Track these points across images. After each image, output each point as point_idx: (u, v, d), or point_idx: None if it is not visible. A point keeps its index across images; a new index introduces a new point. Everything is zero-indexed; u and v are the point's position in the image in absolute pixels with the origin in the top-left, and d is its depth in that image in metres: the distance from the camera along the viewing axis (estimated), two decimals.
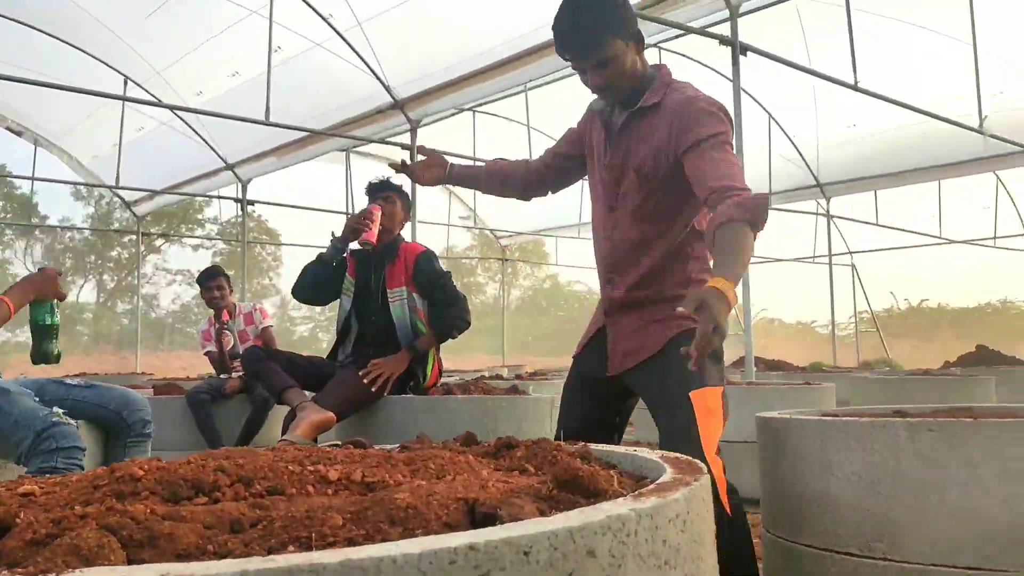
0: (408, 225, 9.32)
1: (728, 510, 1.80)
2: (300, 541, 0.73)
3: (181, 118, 10.88)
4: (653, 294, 2.15)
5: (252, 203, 12.11)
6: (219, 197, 12.68)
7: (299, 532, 0.73)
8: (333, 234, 3.44)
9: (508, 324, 20.35)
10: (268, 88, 8.25)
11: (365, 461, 1.06)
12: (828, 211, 14.57)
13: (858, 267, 20.86)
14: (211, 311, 5.24)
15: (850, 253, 19.98)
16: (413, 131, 9.33)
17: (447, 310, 3.45)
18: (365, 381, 3.19)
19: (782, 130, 13.44)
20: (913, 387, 5.89)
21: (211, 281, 5.18)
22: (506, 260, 20.62)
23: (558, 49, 2.10)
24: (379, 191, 3.55)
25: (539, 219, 17.78)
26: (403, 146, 9.40)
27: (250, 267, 33.55)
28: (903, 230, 15.97)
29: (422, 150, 2.57)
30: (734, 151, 2.04)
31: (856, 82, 7.71)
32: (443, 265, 3.59)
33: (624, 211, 2.16)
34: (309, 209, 12.89)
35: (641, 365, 2.13)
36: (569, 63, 2.11)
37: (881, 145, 12.16)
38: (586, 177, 2.40)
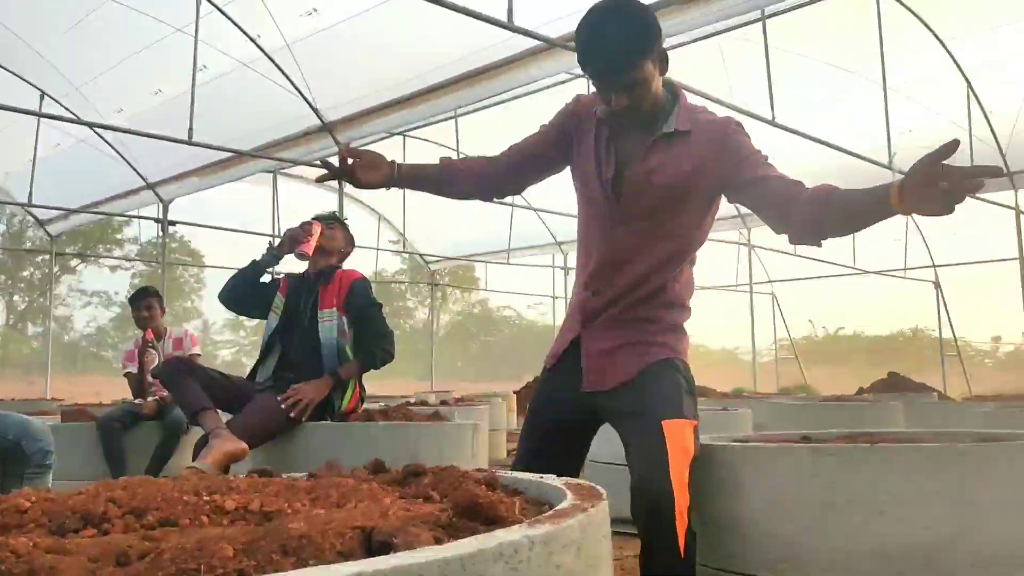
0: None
1: (683, 552, 1.78)
2: (188, 573, 0.72)
3: (100, 135, 10.58)
4: (638, 312, 2.11)
5: (174, 224, 11.81)
6: (139, 217, 12.34)
7: (188, 564, 0.72)
8: (271, 243, 3.46)
9: (437, 349, 20.26)
10: (192, 107, 8.09)
11: (266, 490, 1.05)
12: (749, 241, 15.00)
13: (778, 296, 21.53)
14: (140, 333, 5.10)
15: (771, 282, 20.62)
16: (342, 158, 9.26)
17: (375, 341, 3.44)
18: (283, 407, 3.14)
19: None
20: (826, 413, 6.09)
21: (142, 301, 5.07)
22: (436, 285, 20.57)
23: (581, 61, 1.96)
24: (324, 220, 3.57)
25: (469, 245, 17.82)
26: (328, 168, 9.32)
27: (172, 289, 32.64)
28: (820, 260, 16.53)
29: (350, 152, 2.21)
30: None
31: (773, 118, 8.00)
32: (374, 293, 3.58)
33: (631, 227, 2.10)
34: (234, 231, 12.64)
35: (615, 390, 2.06)
36: (589, 77, 2.00)
37: (799, 177, 12.60)
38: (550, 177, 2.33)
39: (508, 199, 14.30)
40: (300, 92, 9.06)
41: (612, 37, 1.91)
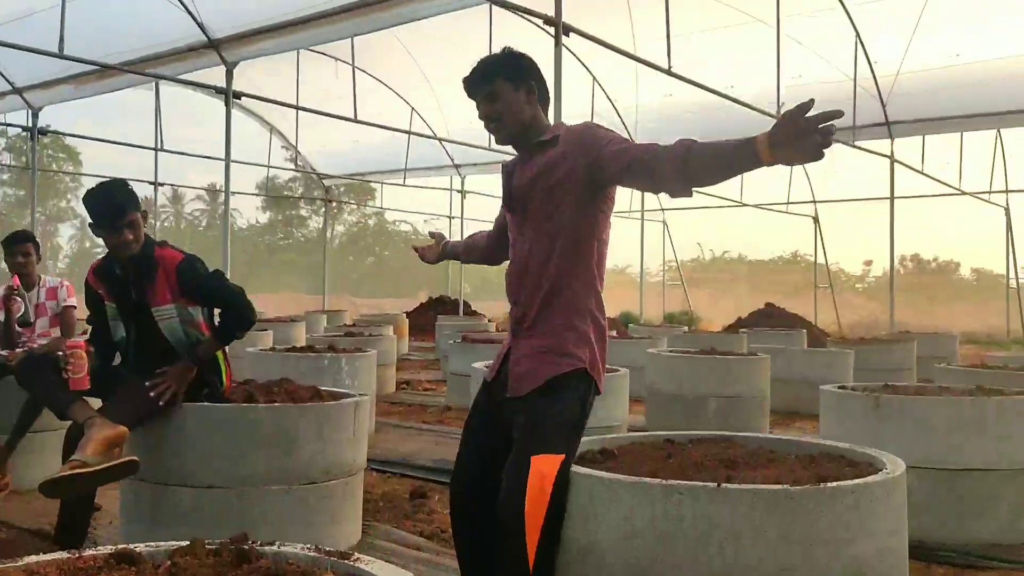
0: (223, 164, 8.87)
1: (531, 565, 2.08)
2: None
3: None
4: (547, 319, 2.29)
5: (45, 132, 11.06)
6: (5, 124, 11.46)
7: None
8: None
9: (331, 260, 19.96)
10: (63, 17, 7.52)
11: None
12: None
13: (668, 223, 22.11)
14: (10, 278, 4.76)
15: (663, 210, 21.13)
16: (229, 73, 8.81)
17: (224, 314, 3.30)
18: (152, 395, 3.06)
19: (605, 94, 13.85)
20: (701, 367, 6.43)
21: (17, 246, 4.65)
22: (330, 202, 20.10)
23: (464, 85, 2.44)
24: (112, 220, 3.11)
25: (364, 163, 17.41)
26: (217, 89, 8.88)
27: (46, 188, 30.68)
28: (709, 194, 16.98)
29: (434, 237, 3.12)
30: None
31: (670, 67, 8.07)
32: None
33: (528, 233, 2.35)
34: (111, 143, 11.93)
35: (521, 399, 2.26)
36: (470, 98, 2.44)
37: (692, 116, 12.81)
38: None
39: (406, 124, 14.00)
40: (185, 6, 8.50)
41: (483, 61, 2.43)
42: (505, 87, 2.37)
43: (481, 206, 18.89)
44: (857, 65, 11.60)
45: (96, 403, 3.15)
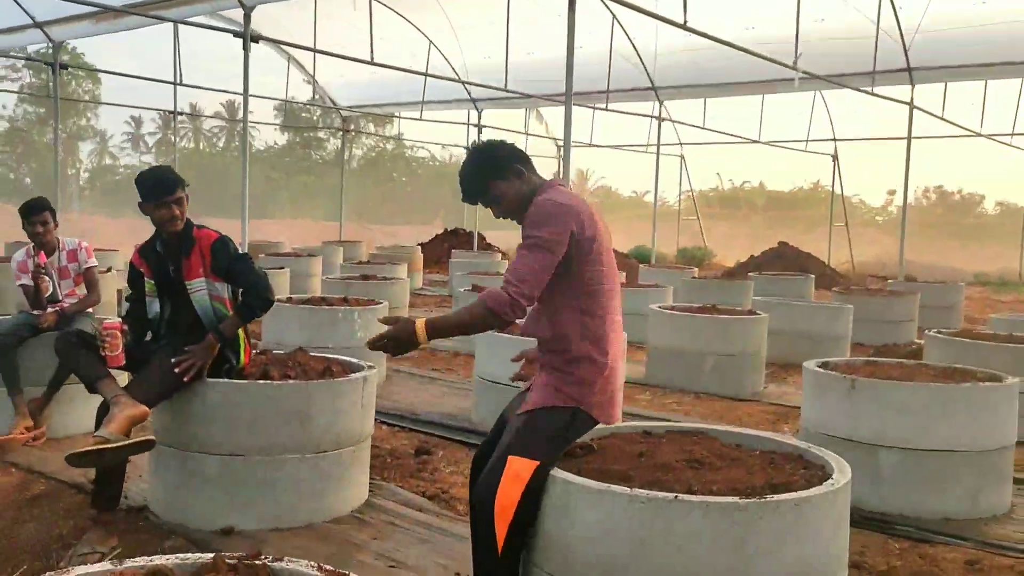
0: (240, 100, 8.97)
1: (500, 550, 2.43)
2: None
3: None
4: (553, 362, 2.64)
5: (66, 67, 11.18)
6: (28, 58, 11.58)
7: None
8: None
9: (348, 188, 20.09)
10: None
11: None
12: (660, 115, 15.18)
13: (687, 157, 22.00)
14: (30, 242, 5.01)
15: (680, 144, 21.02)
16: (247, 17, 8.86)
17: (247, 295, 3.60)
18: (177, 371, 3.36)
19: (624, 31, 13.69)
20: (700, 326, 6.67)
21: (35, 215, 4.85)
22: (347, 131, 20.14)
23: (464, 199, 2.76)
24: (160, 195, 3.47)
25: (382, 93, 17.36)
26: (235, 33, 8.95)
27: (67, 107, 30.77)
28: (726, 132, 16.89)
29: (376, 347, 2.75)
30: (549, 252, 2.51)
31: (686, 21, 8.05)
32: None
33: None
34: (131, 76, 12.03)
35: (522, 412, 2.62)
36: None
37: (713, 58, 12.69)
38: None
39: (423, 59, 13.94)
40: None
41: (465, 173, 2.72)
42: (499, 186, 2.66)
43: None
44: (881, 10, 11.42)
45: (124, 376, 3.47)
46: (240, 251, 3.66)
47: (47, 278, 4.83)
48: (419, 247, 18.16)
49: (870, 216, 32.84)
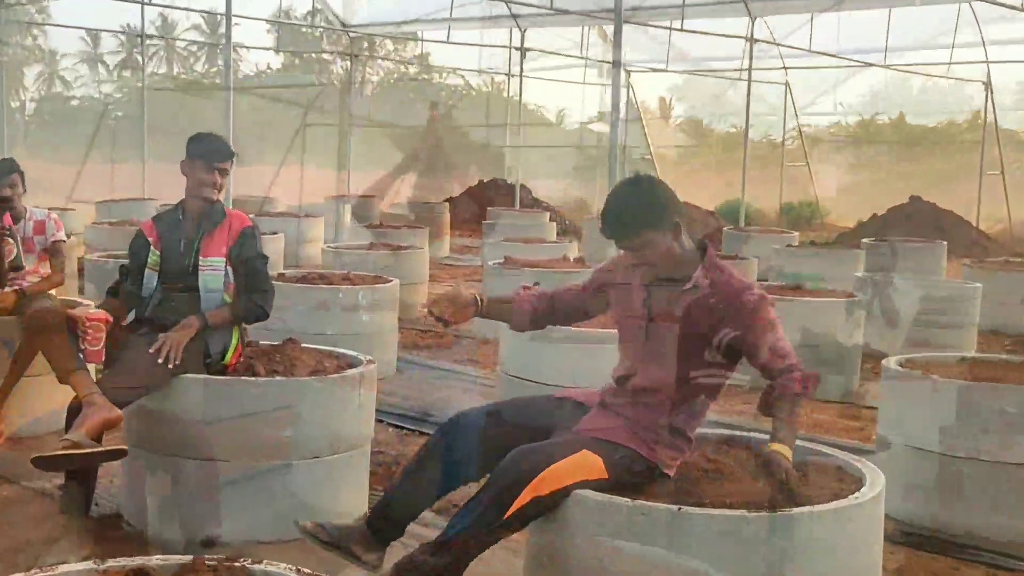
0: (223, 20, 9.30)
1: (507, 514, 2.91)
2: None
3: None
4: (643, 414, 3.18)
5: None
6: None
7: None
8: None
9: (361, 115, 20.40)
10: None
11: None
12: (751, 34, 15.42)
13: (792, 85, 21.98)
14: None
15: (785, 69, 21.05)
16: None
17: (252, 295, 4.19)
18: (151, 351, 3.88)
19: None
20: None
21: (2, 178, 5.40)
22: (355, 56, 20.62)
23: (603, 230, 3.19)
24: (218, 158, 4.23)
25: (400, 7, 17.74)
26: None
27: (9, 27, 31.71)
28: (841, 56, 17.02)
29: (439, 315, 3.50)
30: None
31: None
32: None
33: (645, 349, 3.23)
34: None
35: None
36: None
37: None
38: None
39: None
40: None
41: (615, 210, 3.15)
42: (653, 236, 3.10)
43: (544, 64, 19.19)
44: None
45: None
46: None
47: (11, 242, 5.34)
48: (447, 203, 18.56)
49: None
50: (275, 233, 11.40)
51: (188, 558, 2.29)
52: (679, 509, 2.77)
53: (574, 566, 2.91)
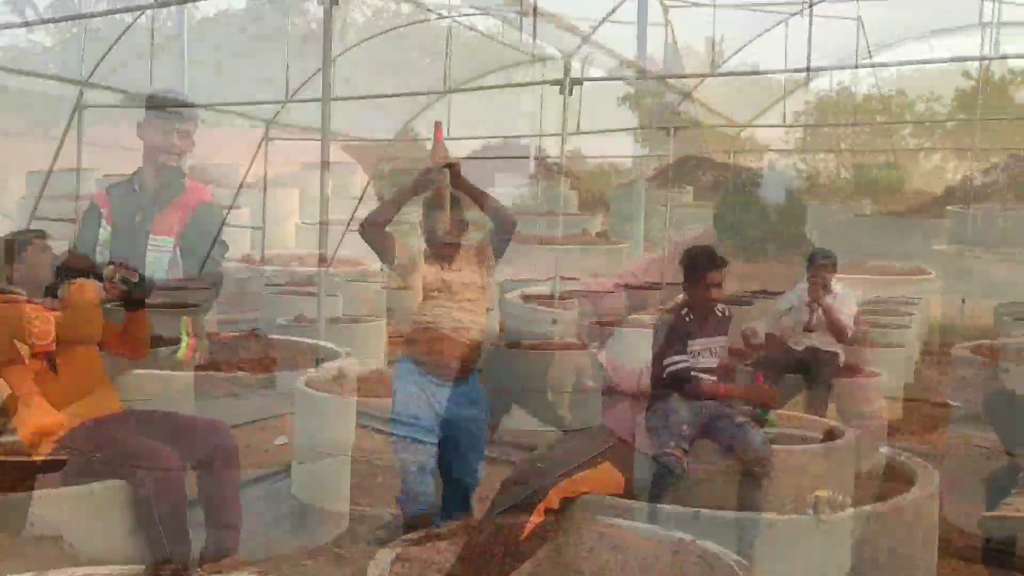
0: None
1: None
2: None
3: None
4: None
5: None
6: None
7: None
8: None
9: (339, 75, 20.47)
10: None
11: None
12: None
13: (866, 20, 21.73)
14: None
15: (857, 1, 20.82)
16: None
17: (190, 282, 4.34)
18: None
19: None
20: None
21: None
22: None
23: None
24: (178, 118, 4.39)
25: None
26: None
27: None
28: None
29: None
30: None
31: None
32: None
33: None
34: None
35: None
36: None
37: None
38: None
39: None
40: None
41: None
42: None
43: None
44: None
45: None
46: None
47: None
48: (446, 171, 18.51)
49: None
50: (238, 207, 11.38)
51: (140, 567, 2.47)
52: (696, 512, 2.98)
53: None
